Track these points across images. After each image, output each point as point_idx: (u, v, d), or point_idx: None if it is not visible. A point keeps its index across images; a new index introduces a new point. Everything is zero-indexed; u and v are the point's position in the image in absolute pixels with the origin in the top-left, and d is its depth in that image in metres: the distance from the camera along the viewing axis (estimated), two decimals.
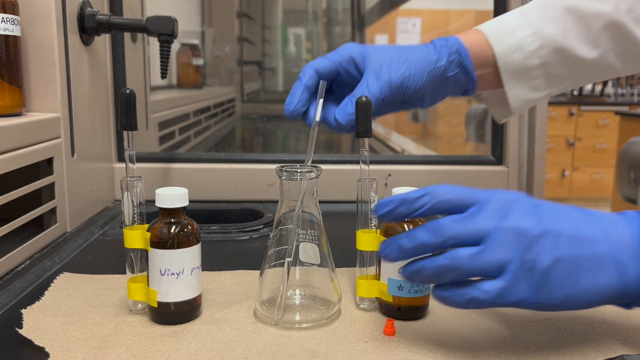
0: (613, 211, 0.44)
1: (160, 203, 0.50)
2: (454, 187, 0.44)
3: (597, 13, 0.61)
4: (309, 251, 0.52)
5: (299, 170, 0.51)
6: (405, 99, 0.62)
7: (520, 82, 0.63)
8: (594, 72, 0.64)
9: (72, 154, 0.80)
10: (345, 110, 0.58)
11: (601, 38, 0.62)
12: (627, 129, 2.81)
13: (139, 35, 1.11)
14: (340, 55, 0.61)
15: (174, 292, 0.50)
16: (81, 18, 0.82)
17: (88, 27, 0.83)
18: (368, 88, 0.58)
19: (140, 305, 0.53)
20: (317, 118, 0.54)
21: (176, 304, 0.50)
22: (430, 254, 0.43)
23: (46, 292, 0.57)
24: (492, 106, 0.71)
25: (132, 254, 0.52)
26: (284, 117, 0.60)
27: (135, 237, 0.51)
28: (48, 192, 0.74)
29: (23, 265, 0.66)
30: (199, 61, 1.87)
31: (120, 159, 1.00)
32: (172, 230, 0.50)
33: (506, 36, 0.62)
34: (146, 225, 0.51)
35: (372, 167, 0.53)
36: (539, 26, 0.62)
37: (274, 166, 0.53)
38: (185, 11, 2.13)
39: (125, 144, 0.51)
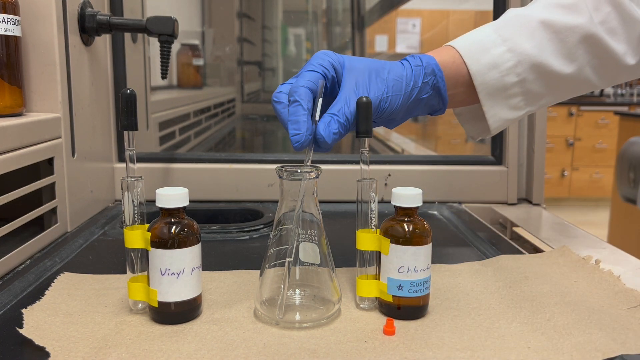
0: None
1: (161, 203, 0.50)
2: None
3: (572, 26, 0.59)
4: (309, 251, 0.53)
5: (299, 170, 0.51)
6: (377, 119, 0.59)
7: (498, 102, 0.62)
8: (571, 87, 0.63)
9: (73, 154, 0.80)
10: (330, 128, 0.53)
11: (577, 52, 0.60)
12: (626, 129, 2.80)
13: (139, 35, 1.11)
14: (322, 64, 0.56)
15: (174, 291, 0.50)
16: (81, 18, 0.82)
17: (88, 28, 0.83)
18: (349, 107, 0.54)
19: (140, 305, 0.53)
20: (317, 118, 0.54)
21: (176, 303, 0.50)
22: None
23: (46, 292, 0.57)
24: (465, 122, 0.68)
25: (132, 253, 0.52)
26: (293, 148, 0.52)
27: (136, 237, 0.51)
28: (48, 192, 0.74)
29: (23, 265, 0.66)
30: (199, 61, 1.87)
31: (121, 159, 1.00)
32: (173, 230, 0.50)
33: (481, 54, 0.60)
34: (146, 225, 0.51)
35: (372, 167, 0.53)
36: (515, 42, 0.60)
37: (274, 166, 0.53)
38: (186, 11, 2.13)
39: (126, 144, 0.51)
